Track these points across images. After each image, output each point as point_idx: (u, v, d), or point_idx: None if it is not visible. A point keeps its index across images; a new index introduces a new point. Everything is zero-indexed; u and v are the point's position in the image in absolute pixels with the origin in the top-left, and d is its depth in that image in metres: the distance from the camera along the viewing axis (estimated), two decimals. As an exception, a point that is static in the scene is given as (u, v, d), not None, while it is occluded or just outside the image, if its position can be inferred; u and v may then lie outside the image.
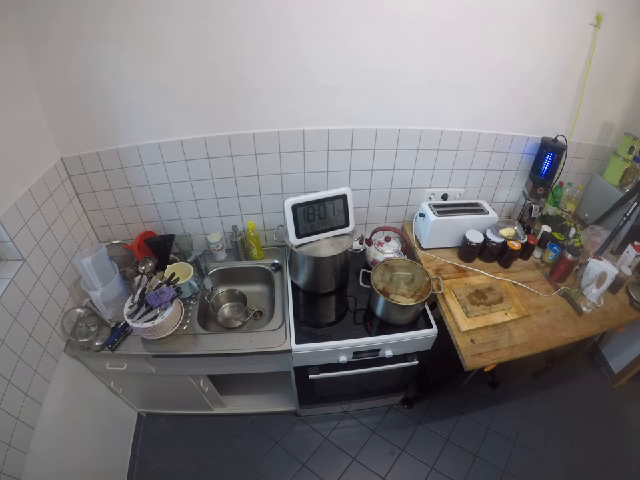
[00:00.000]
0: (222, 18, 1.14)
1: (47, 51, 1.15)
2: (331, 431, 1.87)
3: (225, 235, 1.73)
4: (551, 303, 1.45)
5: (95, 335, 1.37)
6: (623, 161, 1.59)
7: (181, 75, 1.24)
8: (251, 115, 1.36)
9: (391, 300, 1.30)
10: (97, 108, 1.28)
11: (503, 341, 1.30)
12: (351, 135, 1.45)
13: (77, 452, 1.38)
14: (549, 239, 1.61)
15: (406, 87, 1.36)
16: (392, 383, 1.75)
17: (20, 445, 1.09)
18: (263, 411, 1.90)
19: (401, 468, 1.73)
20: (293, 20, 1.17)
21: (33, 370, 1.19)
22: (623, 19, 1.32)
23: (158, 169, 1.46)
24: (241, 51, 1.21)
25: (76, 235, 1.48)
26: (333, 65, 1.28)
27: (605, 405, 1.98)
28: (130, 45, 1.17)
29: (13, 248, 1.14)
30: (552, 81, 1.42)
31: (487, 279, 1.52)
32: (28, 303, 1.18)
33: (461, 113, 1.46)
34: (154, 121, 1.34)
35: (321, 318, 1.49)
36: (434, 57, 1.30)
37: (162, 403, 1.83)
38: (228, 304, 1.66)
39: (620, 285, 1.50)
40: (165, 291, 1.31)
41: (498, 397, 2.01)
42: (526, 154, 1.62)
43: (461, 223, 1.57)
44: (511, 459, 1.76)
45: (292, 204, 1.33)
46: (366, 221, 1.78)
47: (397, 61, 1.29)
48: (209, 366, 1.48)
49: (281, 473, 1.71)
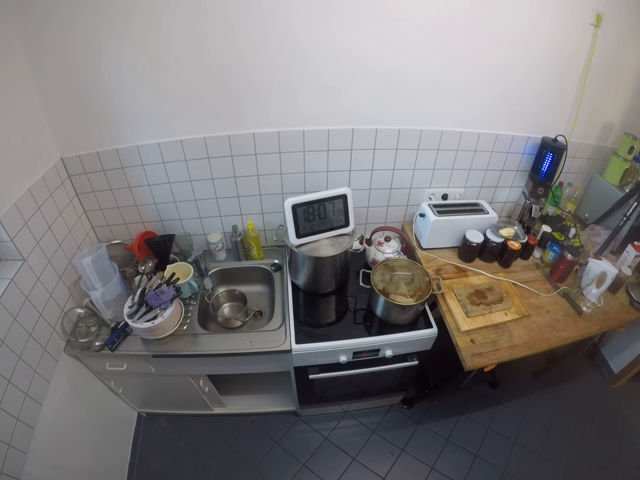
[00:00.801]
0: (222, 18, 1.14)
1: (46, 51, 1.15)
2: (331, 430, 1.87)
3: (225, 235, 1.73)
4: (551, 303, 1.45)
5: (95, 335, 1.37)
6: (622, 160, 1.59)
7: (181, 75, 1.24)
8: (251, 114, 1.36)
9: (391, 300, 1.30)
10: (97, 108, 1.28)
11: (503, 341, 1.30)
12: (351, 135, 1.45)
13: (77, 452, 1.38)
14: (549, 239, 1.61)
15: (406, 87, 1.36)
16: (392, 382, 1.75)
17: (20, 444, 1.09)
18: (263, 410, 1.90)
19: (401, 468, 1.73)
20: (293, 20, 1.17)
21: (33, 370, 1.18)
22: (623, 19, 1.32)
23: (158, 169, 1.46)
24: (241, 51, 1.21)
25: (76, 235, 1.48)
26: (333, 65, 1.28)
27: (605, 405, 1.98)
28: (130, 45, 1.17)
29: (12, 248, 1.14)
30: (552, 80, 1.42)
31: (486, 279, 1.52)
32: (28, 303, 1.18)
33: (461, 112, 1.46)
34: (154, 120, 1.34)
35: (321, 318, 1.49)
36: (434, 56, 1.30)
37: (162, 403, 1.83)
38: (228, 304, 1.66)
39: (620, 285, 1.50)
40: (165, 291, 1.31)
41: (498, 397, 2.01)
42: (526, 154, 1.62)
43: (460, 223, 1.57)
44: (511, 459, 1.76)
45: (292, 204, 1.33)
46: (366, 221, 1.78)
47: (397, 61, 1.29)
48: (208, 366, 1.48)
49: (280, 473, 1.71)
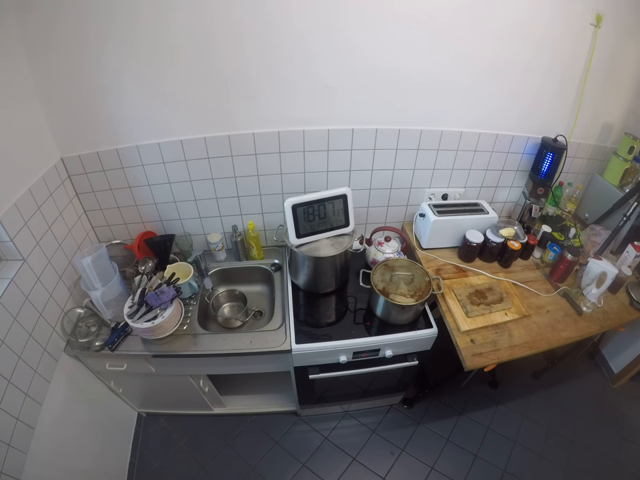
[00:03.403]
0: (224, 19, 1.14)
1: (47, 52, 1.14)
2: (331, 431, 1.87)
3: (225, 235, 1.72)
4: (551, 302, 1.45)
5: (95, 335, 1.37)
6: (622, 160, 1.59)
7: (181, 75, 1.24)
8: (251, 115, 1.36)
9: (391, 300, 1.30)
10: (97, 108, 1.28)
11: (503, 341, 1.30)
12: (351, 135, 1.45)
13: (77, 452, 1.38)
14: (549, 239, 1.61)
15: (406, 87, 1.36)
16: (392, 382, 1.75)
17: (20, 445, 1.09)
18: (263, 410, 1.90)
19: (401, 468, 1.73)
20: (294, 21, 1.17)
21: (33, 370, 1.18)
22: (623, 19, 1.32)
23: (158, 169, 1.46)
24: (241, 51, 1.21)
25: (76, 235, 1.48)
26: (334, 65, 1.28)
27: (605, 405, 1.98)
28: (130, 46, 1.17)
29: (12, 248, 1.14)
30: (552, 81, 1.42)
31: (487, 279, 1.52)
32: (28, 303, 1.18)
33: (461, 112, 1.46)
34: (154, 121, 1.34)
35: (321, 318, 1.49)
36: (434, 57, 1.30)
37: (162, 403, 1.83)
38: (228, 304, 1.66)
39: (620, 285, 1.50)
40: (165, 291, 1.31)
41: (498, 397, 2.01)
42: (526, 154, 1.62)
43: (460, 223, 1.57)
44: (511, 459, 1.76)
45: (292, 204, 1.33)
46: (366, 221, 1.78)
47: (397, 61, 1.29)
48: (208, 366, 1.48)
49: (280, 473, 1.71)
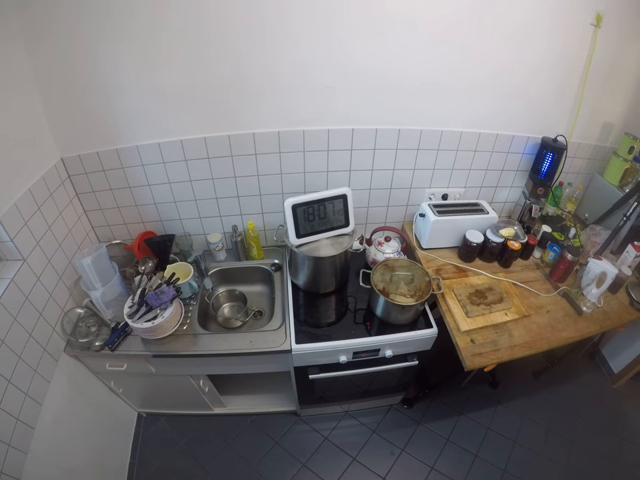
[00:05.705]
0: (222, 19, 1.14)
1: (47, 51, 1.14)
2: (331, 430, 1.87)
3: (225, 235, 1.72)
4: (551, 303, 1.45)
5: (95, 335, 1.37)
6: (622, 160, 1.59)
7: (181, 75, 1.24)
8: (251, 115, 1.36)
9: (391, 300, 1.30)
10: (97, 108, 1.28)
11: (503, 341, 1.30)
12: (351, 135, 1.45)
13: (77, 452, 1.38)
14: (549, 239, 1.61)
15: (406, 87, 1.36)
16: (392, 382, 1.75)
17: (20, 445, 1.09)
18: (262, 411, 1.90)
19: (401, 468, 1.73)
20: (293, 21, 1.17)
21: (33, 370, 1.18)
22: (623, 19, 1.32)
23: (158, 169, 1.46)
24: (241, 52, 1.21)
25: (76, 235, 1.48)
26: (333, 65, 1.27)
27: (605, 405, 1.98)
28: (130, 45, 1.17)
29: (12, 248, 1.14)
30: (552, 81, 1.42)
31: (486, 279, 1.52)
32: (28, 303, 1.18)
33: (461, 112, 1.46)
34: (154, 120, 1.34)
35: (321, 318, 1.49)
36: (434, 57, 1.30)
37: (162, 403, 1.83)
38: (228, 304, 1.66)
39: (620, 285, 1.50)
40: (165, 291, 1.31)
41: (498, 397, 2.01)
42: (526, 154, 1.62)
43: (460, 223, 1.57)
44: (511, 459, 1.76)
45: (292, 204, 1.33)
46: (366, 221, 1.78)
47: (397, 61, 1.29)
48: (208, 366, 1.48)
49: (280, 473, 1.71)
